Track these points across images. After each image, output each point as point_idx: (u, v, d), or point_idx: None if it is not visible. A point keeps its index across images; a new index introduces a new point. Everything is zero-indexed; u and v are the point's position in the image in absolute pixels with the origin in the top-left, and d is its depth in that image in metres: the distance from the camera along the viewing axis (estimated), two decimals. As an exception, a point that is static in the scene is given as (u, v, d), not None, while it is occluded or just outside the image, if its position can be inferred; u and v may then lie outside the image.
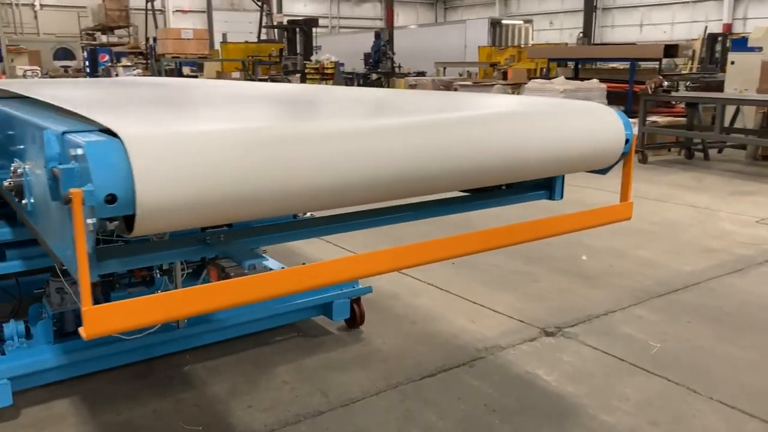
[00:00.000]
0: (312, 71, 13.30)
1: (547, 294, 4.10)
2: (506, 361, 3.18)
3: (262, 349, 3.29)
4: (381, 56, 19.89)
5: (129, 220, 1.33)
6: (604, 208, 2.04)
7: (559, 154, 1.64)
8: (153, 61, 17.11)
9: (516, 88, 12.60)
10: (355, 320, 3.53)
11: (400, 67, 20.82)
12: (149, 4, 23.74)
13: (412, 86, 14.30)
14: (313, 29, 19.26)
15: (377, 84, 19.48)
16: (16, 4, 31.11)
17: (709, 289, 4.17)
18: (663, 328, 3.55)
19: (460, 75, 20.61)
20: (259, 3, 24.07)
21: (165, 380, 2.98)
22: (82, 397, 2.81)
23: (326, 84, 12.52)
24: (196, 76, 19.06)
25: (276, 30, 20.23)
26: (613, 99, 11.79)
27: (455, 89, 13.52)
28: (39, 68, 20.21)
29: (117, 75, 21.32)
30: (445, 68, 22.94)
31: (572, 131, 1.65)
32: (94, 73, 24.14)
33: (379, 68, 20.13)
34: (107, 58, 24.58)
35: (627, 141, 1.82)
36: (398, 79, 15.97)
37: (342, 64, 14.58)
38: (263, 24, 22.94)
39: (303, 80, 13.17)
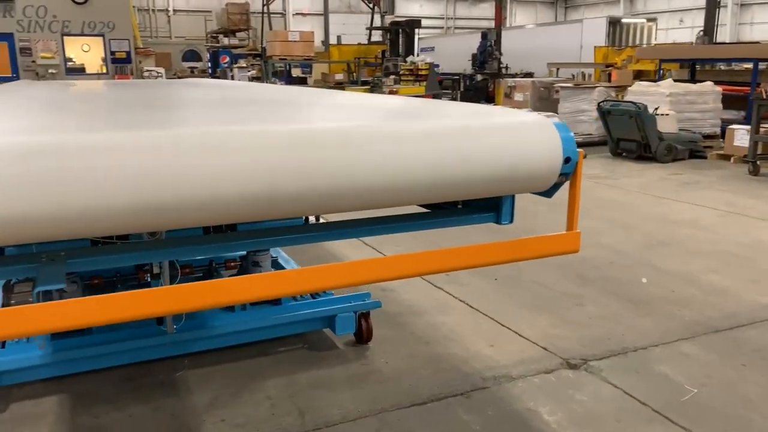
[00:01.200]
0: (406, 73, 13.20)
1: (587, 320, 3.71)
2: (509, 394, 2.88)
3: (261, 360, 3.20)
4: (487, 57, 19.41)
5: None
6: (546, 237, 1.75)
7: (471, 174, 1.39)
8: (263, 63, 17.71)
9: (620, 90, 11.81)
10: (362, 336, 3.36)
11: (507, 68, 20.21)
12: (265, 8, 24.65)
13: (511, 87, 13.82)
14: (417, 30, 19.14)
15: (482, 86, 19.05)
16: (153, 10, 33.53)
17: (783, 327, 3.61)
18: (708, 370, 3.09)
19: (573, 76, 19.72)
20: (371, 5, 24.32)
21: (154, 385, 2.96)
22: (70, 396, 2.85)
23: (420, 86, 12.38)
24: (305, 78, 19.58)
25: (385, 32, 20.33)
26: (730, 103, 10.75)
27: (556, 91, 12.91)
28: (163, 69, 21.54)
29: (233, 76, 22.39)
30: (558, 69, 22.05)
31: (490, 149, 1.39)
32: (214, 74, 25.52)
33: (485, 69, 19.68)
34: (227, 59, 25.86)
35: (568, 160, 1.52)
36: (514, 80, 15.46)
37: (437, 66, 14.35)
38: (372, 26, 23.16)
39: (397, 82, 13.12)
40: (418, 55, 16.64)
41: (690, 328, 3.58)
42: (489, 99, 17.18)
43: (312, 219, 3.46)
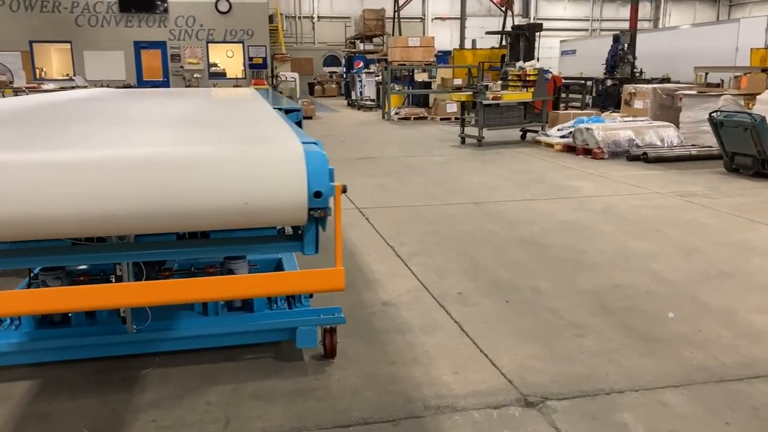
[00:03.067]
0: (514, 78, 12.81)
1: (577, 354, 3.43)
2: (439, 426, 2.75)
3: (223, 365, 3.31)
4: (618, 61, 18.32)
5: None
6: (308, 272, 1.65)
7: (193, 206, 1.35)
8: (383, 68, 18.04)
9: (750, 99, 10.64)
10: (326, 351, 3.36)
11: (641, 72, 18.94)
12: (398, 13, 25.04)
13: (631, 94, 12.92)
14: (539, 34, 18.49)
15: (612, 91, 18.01)
16: (299, 17, 35.26)
17: (808, 384, 3.10)
18: (679, 425, 2.74)
19: (721, 82, 18.04)
20: (502, 8, 23.88)
21: (117, 380, 3.17)
22: (41, 383, 3.13)
23: (527, 92, 11.95)
24: (430, 83, 19.65)
25: (506, 36, 19.89)
26: None
27: (680, 98, 11.90)
28: (297, 75, 22.66)
29: (361, 81, 23.02)
30: (706, 74, 20.29)
31: (218, 180, 1.34)
32: (347, 79, 26.41)
33: (616, 73, 18.59)
34: (361, 65, 26.63)
35: (319, 194, 1.43)
36: (635, 86, 14.48)
37: (547, 72, 13.74)
38: (503, 29, 22.74)
39: (505, 87, 12.77)
40: (538, 60, 16.07)
41: (691, 373, 3.19)
42: (618, 106, 16.21)
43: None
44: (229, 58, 22.59)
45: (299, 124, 3.70)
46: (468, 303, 4.18)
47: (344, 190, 1.46)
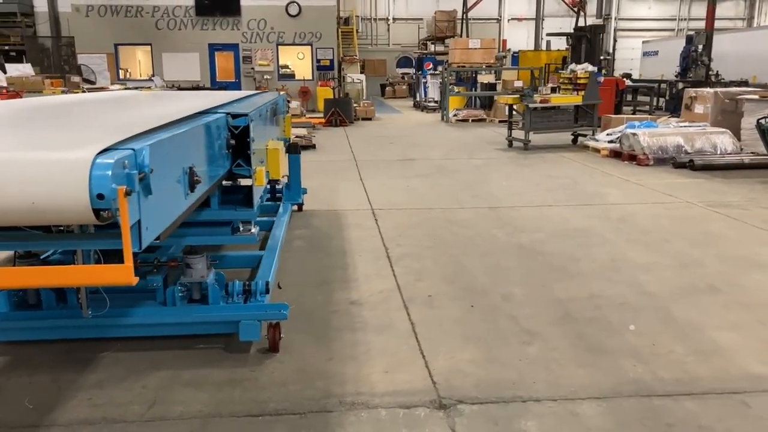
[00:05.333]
0: (565, 81, 12.49)
1: (514, 361, 3.43)
2: (342, 422, 2.86)
3: (173, 353, 3.54)
4: (690, 63, 17.52)
5: None
6: (97, 267, 1.78)
7: None
8: (443, 70, 18.07)
9: (815, 104, 9.97)
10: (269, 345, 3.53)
11: (717, 75, 18.01)
12: (465, 15, 24.93)
13: (691, 98, 12.34)
14: (601, 35, 17.91)
15: (683, 95, 17.23)
16: (374, 19, 35.72)
17: (739, 405, 2.98)
18: (579, 437, 2.73)
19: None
20: (574, 9, 23.31)
21: (76, 360, 3.46)
22: (12, 360, 3.48)
23: (578, 95, 11.64)
24: (495, 85, 19.48)
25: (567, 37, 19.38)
26: None
27: (743, 103, 11.30)
28: (364, 76, 22.98)
29: (425, 83, 23.09)
30: (793, 76, 19.05)
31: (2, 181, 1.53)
32: (416, 80, 26.54)
33: (689, 76, 17.79)
34: (430, 66, 26.70)
35: (101, 196, 1.57)
36: (696, 89, 13.81)
37: (599, 75, 13.31)
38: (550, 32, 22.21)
39: (555, 90, 12.49)
40: (604, 60, 15.62)
41: (620, 386, 3.14)
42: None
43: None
44: (299, 60, 23.19)
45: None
46: (432, 306, 4.24)
47: (128, 193, 1.60)
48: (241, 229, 3.72)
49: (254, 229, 3.74)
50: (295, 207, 6.80)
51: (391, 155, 11.34)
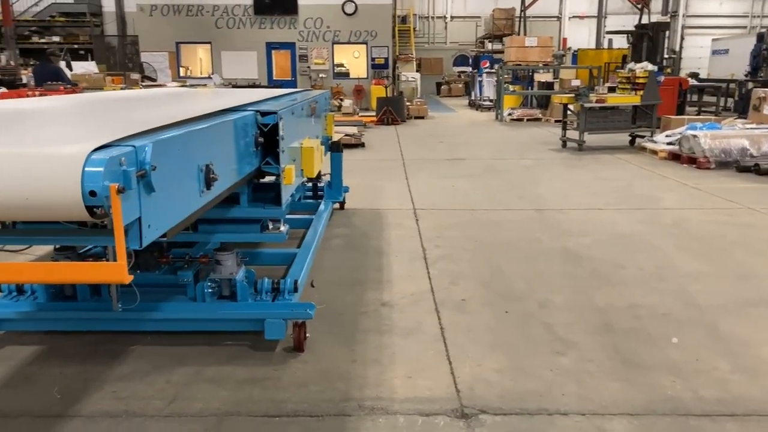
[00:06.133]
0: (623, 80, 12.03)
1: (544, 372, 3.29)
2: (358, 427, 2.79)
3: (200, 349, 3.56)
4: (761, 62, 16.68)
5: None
6: (90, 264, 1.75)
7: None
8: (498, 69, 17.78)
9: None
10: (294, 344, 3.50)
11: (790, 74, 17.10)
12: (523, 12, 24.48)
13: (760, 99, 11.71)
14: (665, 33, 17.21)
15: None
16: (432, 17, 35.53)
17: (785, 429, 2.77)
18: (605, 455, 2.58)
19: None
20: (638, 5, 22.56)
21: (105, 352, 3.52)
22: (46, 349, 3.56)
23: (635, 95, 11.21)
24: (552, 84, 19.05)
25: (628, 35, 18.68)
26: None
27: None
28: (419, 75, 22.87)
29: (481, 81, 22.81)
30: None
31: None
32: (472, 78, 26.24)
33: (760, 75, 16.95)
34: (487, 64, 26.35)
35: (93, 193, 1.55)
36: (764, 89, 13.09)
37: (659, 74, 12.75)
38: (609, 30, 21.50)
39: (613, 90, 12.04)
40: (669, 59, 15.03)
41: (655, 404, 2.96)
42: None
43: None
44: (355, 59, 23.28)
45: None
46: (465, 311, 4.13)
47: (120, 190, 1.58)
48: (270, 227, 3.71)
49: (283, 228, 3.73)
50: (337, 205, 6.78)
51: (440, 154, 11.22)
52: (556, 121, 16.47)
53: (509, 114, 17.25)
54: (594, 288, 4.50)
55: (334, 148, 6.42)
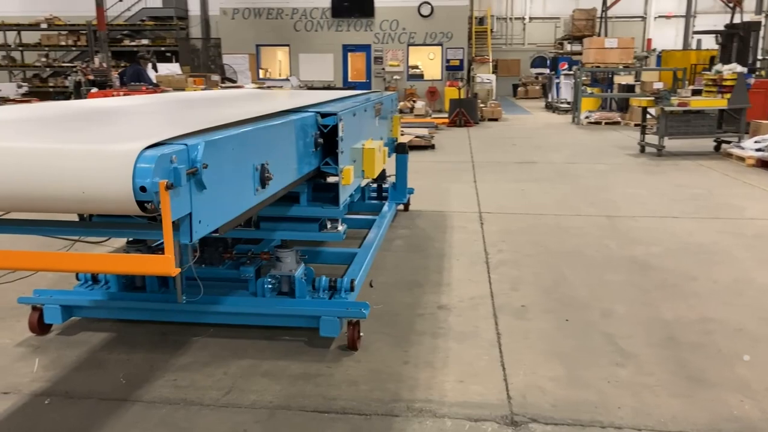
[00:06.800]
0: (709, 83, 11.42)
1: (600, 383, 3.19)
2: (404, 428, 2.80)
3: (259, 343, 3.66)
4: None
5: None
6: (140, 257, 1.80)
7: (36, 192, 1.65)
8: (576, 70, 17.33)
9: None
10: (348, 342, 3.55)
11: None
12: (604, 13, 23.77)
13: None
14: (757, 33, 16.22)
15: None
16: (510, 18, 35.04)
17: None
18: (658, 473, 2.48)
19: None
20: (730, 4, 21.47)
21: (170, 342, 3.68)
22: (115, 337, 3.76)
23: (723, 98, 10.65)
24: (633, 87, 18.41)
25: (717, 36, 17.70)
26: None
27: None
28: (494, 76, 22.62)
29: (558, 83, 22.31)
30: None
31: (54, 173, 1.62)
32: (549, 81, 25.69)
33: None
34: (566, 66, 25.74)
35: (144, 189, 1.61)
36: None
37: (749, 76, 12.02)
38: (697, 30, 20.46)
39: (698, 93, 11.47)
40: (763, 60, 14.23)
41: (720, 423, 2.82)
42: None
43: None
44: (429, 60, 23.29)
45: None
46: (523, 317, 4.06)
47: (169, 187, 1.65)
48: (329, 226, 3.77)
49: (341, 227, 3.78)
50: (402, 207, 6.80)
51: (511, 157, 11.06)
52: (635, 125, 15.90)
53: (586, 117, 16.80)
54: (662, 299, 4.33)
55: (400, 150, 6.45)
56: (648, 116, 11.57)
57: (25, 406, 3.00)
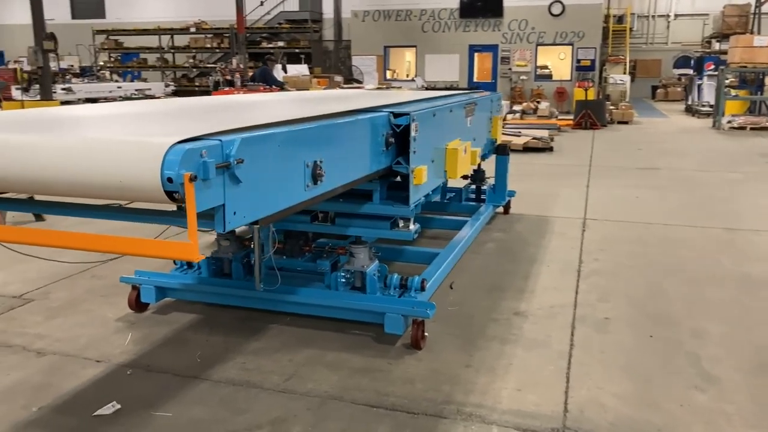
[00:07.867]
0: None
1: (672, 406, 2.98)
2: (447, 430, 2.78)
3: (327, 334, 3.77)
4: None
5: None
6: (164, 242, 1.88)
7: (81, 179, 1.83)
8: (719, 71, 16.05)
9: None
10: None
11: None
12: (757, 9, 21.77)
13: None
14: None
15: None
16: (653, 16, 33.04)
17: None
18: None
19: None
20: None
21: (247, 327, 3.89)
22: (203, 319, 4.04)
23: None
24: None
25: None
26: None
27: None
28: (628, 77, 21.47)
29: (700, 84, 20.76)
30: None
31: (90, 161, 1.79)
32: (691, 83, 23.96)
33: None
34: (712, 66, 23.90)
35: (170, 180, 1.71)
36: None
37: None
38: None
39: None
40: None
41: (797, 462, 2.54)
42: None
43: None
44: (560, 60, 22.60)
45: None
46: (604, 330, 3.87)
47: (192, 178, 1.77)
48: (401, 225, 3.81)
49: (412, 227, 3.80)
50: (502, 209, 6.69)
51: (633, 163, 10.48)
52: (786, 131, 14.50)
53: (729, 121, 15.52)
54: (765, 323, 3.94)
55: (500, 152, 6.34)
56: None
57: (110, 374, 3.32)
